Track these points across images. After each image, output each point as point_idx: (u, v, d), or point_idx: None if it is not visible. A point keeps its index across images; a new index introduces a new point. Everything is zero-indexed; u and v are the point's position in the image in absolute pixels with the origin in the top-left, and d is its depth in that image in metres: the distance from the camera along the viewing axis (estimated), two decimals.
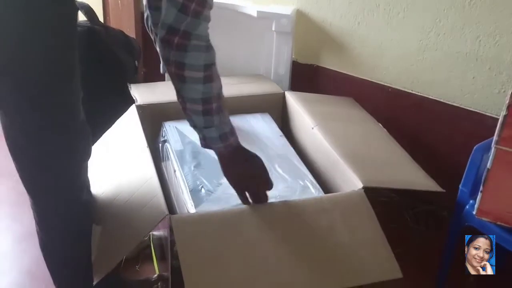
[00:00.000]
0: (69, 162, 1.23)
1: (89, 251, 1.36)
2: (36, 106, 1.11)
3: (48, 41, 1.06)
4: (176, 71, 1.07)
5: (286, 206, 1.29)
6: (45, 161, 1.20)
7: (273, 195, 1.36)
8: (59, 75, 1.11)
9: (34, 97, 1.09)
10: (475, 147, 1.41)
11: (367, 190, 1.32)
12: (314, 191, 1.40)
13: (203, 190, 1.36)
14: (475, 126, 1.83)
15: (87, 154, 1.28)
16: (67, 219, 1.31)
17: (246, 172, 1.22)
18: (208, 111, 1.11)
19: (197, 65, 1.06)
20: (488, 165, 1.29)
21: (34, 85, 1.08)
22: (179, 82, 1.09)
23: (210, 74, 1.08)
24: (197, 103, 1.10)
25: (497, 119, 1.29)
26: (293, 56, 2.19)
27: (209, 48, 1.08)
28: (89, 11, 2.00)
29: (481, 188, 1.32)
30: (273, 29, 2.06)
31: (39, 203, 1.29)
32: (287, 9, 2.09)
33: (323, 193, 1.40)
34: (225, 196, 1.34)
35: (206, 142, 1.18)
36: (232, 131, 1.18)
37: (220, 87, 1.13)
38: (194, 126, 1.17)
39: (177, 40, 1.04)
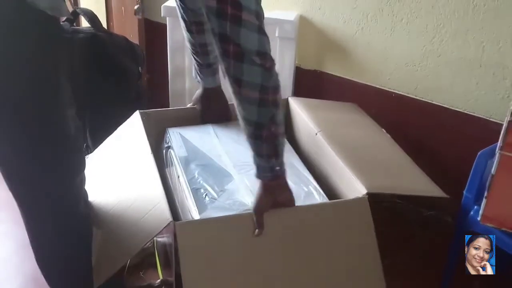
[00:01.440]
0: (60, 176, 1.23)
1: (89, 264, 1.35)
2: (23, 119, 1.11)
3: (27, 55, 1.06)
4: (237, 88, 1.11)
5: (289, 212, 1.28)
6: (34, 176, 1.19)
7: None
8: (41, 89, 1.11)
9: (20, 110, 1.09)
10: (479, 153, 1.41)
11: (371, 196, 1.32)
12: (318, 197, 1.40)
13: (207, 198, 1.36)
14: (479, 131, 1.83)
15: (79, 168, 1.28)
16: (64, 234, 1.31)
17: (277, 203, 1.23)
18: (275, 134, 1.14)
19: (269, 87, 1.10)
20: (493, 170, 1.29)
21: (20, 98, 1.08)
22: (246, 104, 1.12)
23: (277, 96, 1.12)
24: (263, 127, 1.13)
25: (501, 125, 1.29)
26: (296, 62, 2.19)
27: (272, 67, 1.14)
28: (92, 18, 2.01)
29: (485, 194, 1.32)
30: (277, 35, 2.06)
31: (32, 220, 1.29)
32: (291, 15, 2.09)
33: (327, 199, 1.40)
34: (229, 203, 1.34)
35: (258, 172, 1.20)
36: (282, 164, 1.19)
37: (280, 110, 1.15)
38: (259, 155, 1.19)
39: (233, 49, 1.06)
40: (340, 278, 1.20)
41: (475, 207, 1.40)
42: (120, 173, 1.54)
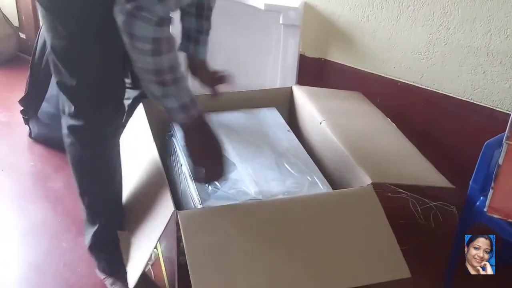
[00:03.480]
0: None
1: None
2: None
3: None
4: (127, 41, 1.11)
5: (294, 201, 1.27)
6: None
7: (281, 191, 1.35)
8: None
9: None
10: (486, 143, 1.39)
11: (376, 185, 1.30)
12: (322, 186, 1.39)
13: (210, 187, 1.35)
14: (485, 121, 1.81)
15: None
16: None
17: (208, 148, 1.24)
18: (162, 82, 1.13)
19: (145, 37, 1.09)
20: (500, 161, 1.27)
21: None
22: (132, 53, 1.12)
23: (159, 48, 1.10)
24: (150, 73, 1.13)
25: (508, 114, 1.27)
26: (300, 50, 2.17)
27: (160, 24, 1.09)
28: None
29: (492, 184, 1.30)
30: (281, 22, 2.04)
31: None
32: (295, 2, 2.06)
33: (331, 188, 1.38)
34: (232, 192, 1.33)
35: (170, 115, 1.20)
36: (193, 103, 1.19)
37: (174, 60, 1.14)
38: (153, 96, 1.18)
39: (129, 6, 1.07)
40: (357, 263, 1.18)
41: (481, 197, 1.38)
42: (123, 162, 1.53)
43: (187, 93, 1.18)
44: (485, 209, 1.34)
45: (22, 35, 3.26)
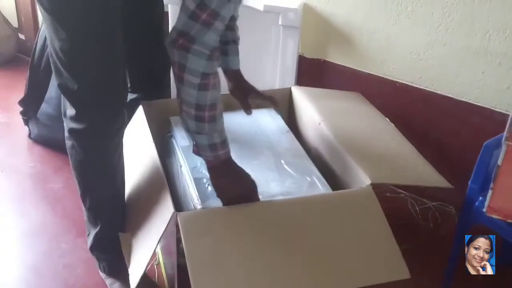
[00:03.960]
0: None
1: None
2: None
3: None
4: (177, 71, 1.11)
5: (293, 202, 1.27)
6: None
7: (280, 191, 1.35)
8: None
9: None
10: (485, 143, 1.39)
11: (375, 186, 1.30)
12: (321, 187, 1.39)
13: (209, 187, 1.35)
14: (484, 121, 1.82)
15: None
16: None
17: (236, 187, 1.23)
18: (200, 117, 1.14)
19: (195, 71, 1.09)
20: (499, 161, 1.27)
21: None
22: (178, 83, 1.13)
23: (206, 83, 1.11)
24: (191, 107, 1.13)
25: (507, 115, 1.27)
26: (299, 51, 2.17)
27: (211, 57, 1.10)
28: None
29: (491, 185, 1.30)
30: (280, 23, 2.04)
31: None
32: (294, 3, 2.07)
33: (330, 189, 1.39)
34: None
35: (197, 149, 1.21)
36: (223, 144, 1.19)
37: (216, 98, 1.14)
38: (187, 129, 1.19)
39: (182, 41, 1.08)
40: (357, 264, 1.19)
41: (480, 198, 1.39)
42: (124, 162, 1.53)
43: (220, 133, 1.18)
44: (484, 210, 1.34)
45: (22, 36, 3.26)
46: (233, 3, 1.10)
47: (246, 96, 1.58)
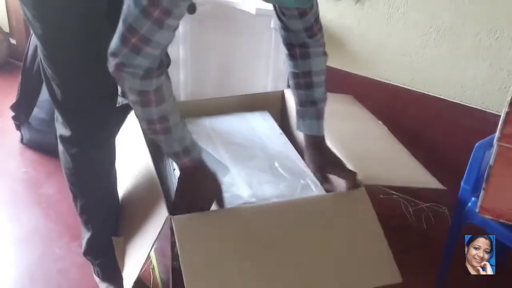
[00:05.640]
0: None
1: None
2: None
3: None
4: (121, 89, 1.13)
5: (287, 205, 1.27)
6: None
7: (274, 194, 1.35)
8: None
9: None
10: (476, 144, 1.40)
11: (368, 187, 1.31)
12: (315, 189, 1.39)
13: None
14: (476, 122, 1.83)
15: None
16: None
17: (200, 196, 1.23)
18: (153, 130, 1.13)
19: (132, 89, 1.07)
20: (490, 162, 1.28)
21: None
22: (128, 101, 1.15)
23: (147, 99, 1.08)
24: (142, 121, 1.14)
25: (498, 116, 1.28)
26: None
27: (145, 77, 1.06)
28: None
29: (483, 185, 1.31)
30: (272, 26, 2.04)
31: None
32: None
33: (324, 191, 1.39)
34: (225, 196, 1.33)
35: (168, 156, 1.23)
36: (186, 152, 1.17)
37: (165, 111, 1.12)
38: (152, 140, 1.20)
39: (114, 63, 1.05)
40: (349, 268, 1.19)
41: (473, 198, 1.40)
42: (117, 166, 1.52)
43: (180, 142, 1.16)
44: (476, 210, 1.35)
45: (13, 41, 3.25)
46: (166, 30, 1.03)
47: (323, 171, 1.40)
